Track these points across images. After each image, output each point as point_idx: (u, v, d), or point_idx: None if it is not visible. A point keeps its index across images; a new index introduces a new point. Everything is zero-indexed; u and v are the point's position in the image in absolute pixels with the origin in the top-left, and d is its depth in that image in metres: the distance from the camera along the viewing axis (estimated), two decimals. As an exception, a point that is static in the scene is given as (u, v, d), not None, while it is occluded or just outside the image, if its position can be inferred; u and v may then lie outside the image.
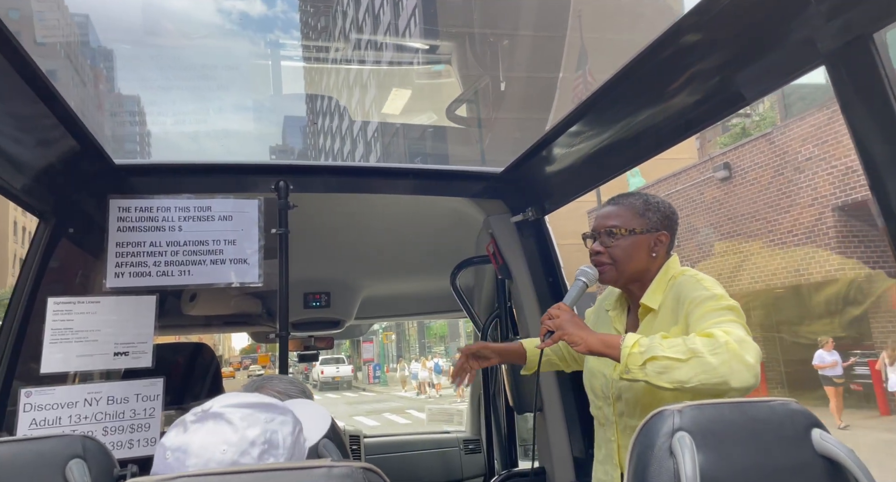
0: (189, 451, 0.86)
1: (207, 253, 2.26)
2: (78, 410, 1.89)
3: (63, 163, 1.88)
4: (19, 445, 1.21)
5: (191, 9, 50.14)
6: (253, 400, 0.95)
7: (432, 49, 14.32)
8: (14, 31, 1.32)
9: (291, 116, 46.08)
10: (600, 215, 1.68)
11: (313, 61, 27.50)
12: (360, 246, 3.20)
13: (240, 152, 52.47)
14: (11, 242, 41.43)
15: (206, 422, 0.88)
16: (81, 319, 1.96)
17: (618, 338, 1.41)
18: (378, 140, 31.35)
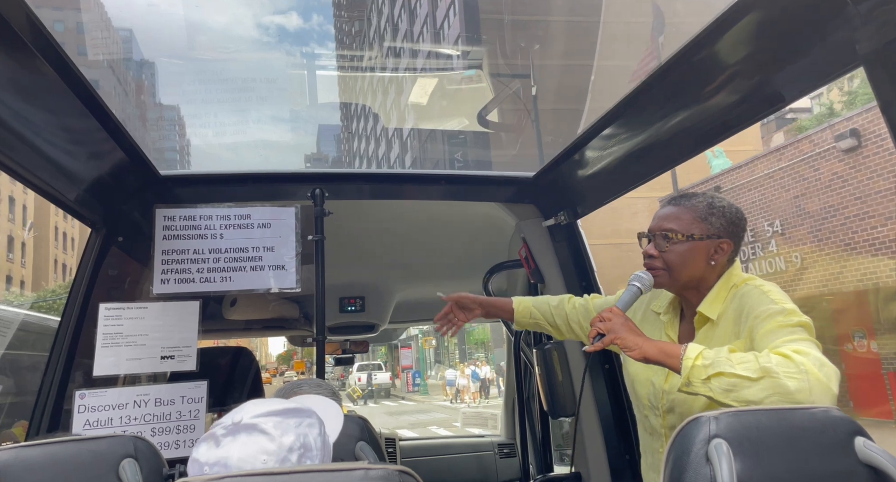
0: (229, 465, 0.88)
1: (247, 259, 2.32)
2: (128, 411, 1.96)
3: (112, 175, 1.97)
4: (78, 445, 1.27)
5: (231, 24, 51.69)
6: (277, 406, 0.97)
7: (464, 54, 14.40)
8: (59, 42, 1.39)
9: (326, 125, 46.78)
10: (659, 216, 1.60)
11: (348, 70, 27.90)
12: (394, 251, 3.24)
13: (276, 161, 53.51)
14: (52, 247, 42.82)
15: (238, 434, 0.90)
16: (130, 324, 2.04)
17: (677, 348, 1.34)
18: (413, 140, 31.54)
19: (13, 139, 1.51)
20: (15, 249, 38.46)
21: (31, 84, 1.43)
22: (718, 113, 1.60)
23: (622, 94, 1.69)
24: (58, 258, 43.64)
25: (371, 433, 1.53)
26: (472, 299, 1.91)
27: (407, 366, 33.15)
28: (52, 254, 42.92)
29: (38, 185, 1.70)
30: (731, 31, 1.33)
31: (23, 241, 39.15)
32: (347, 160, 48.64)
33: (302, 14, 74.69)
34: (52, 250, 42.92)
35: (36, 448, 1.26)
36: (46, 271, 40.24)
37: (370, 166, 38.92)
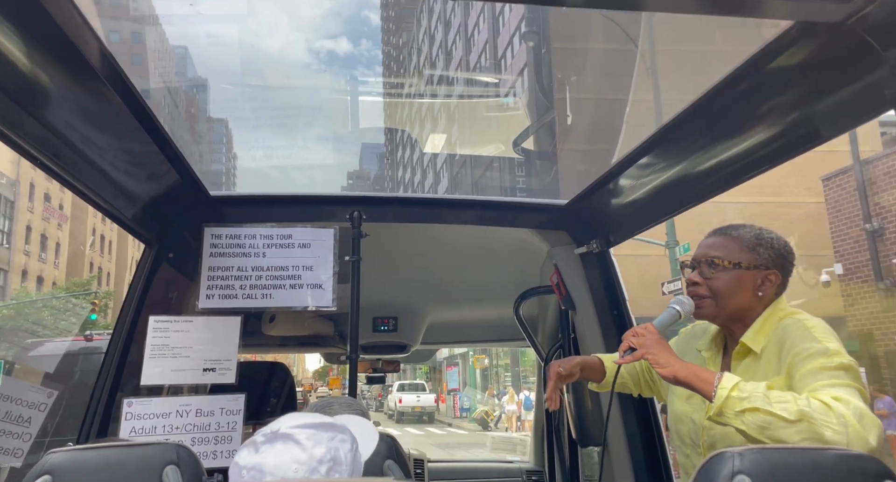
0: (264, 470, 0.93)
1: (287, 278, 2.39)
2: (171, 421, 2.04)
3: (167, 195, 2.08)
4: (126, 450, 1.34)
5: (283, 48, 53.92)
6: (314, 420, 1.02)
7: (502, 83, 14.59)
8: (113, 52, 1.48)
9: (369, 144, 47.70)
10: (704, 244, 1.57)
11: (391, 96, 28.56)
12: (427, 273, 3.28)
13: (319, 181, 54.81)
14: (89, 250, 43.38)
15: (275, 442, 0.95)
16: (177, 337, 2.13)
17: (711, 374, 1.31)
18: (447, 170, 31.82)
19: (81, 161, 1.62)
20: (48, 249, 38.46)
21: (99, 111, 1.54)
22: (755, 147, 1.59)
23: (658, 126, 1.71)
24: (94, 261, 44.07)
25: (399, 452, 1.55)
26: (575, 364, 1.81)
27: (453, 388, 29.56)
28: (88, 257, 43.08)
29: (100, 204, 1.81)
30: (770, 66, 1.33)
31: (57, 242, 39.16)
32: (390, 186, 49.44)
33: (351, 39, 76.98)
34: (89, 253, 43.15)
35: (89, 451, 1.33)
36: (81, 274, 40.21)
37: (406, 190, 39.42)
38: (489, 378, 30.84)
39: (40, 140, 1.44)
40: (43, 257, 37.15)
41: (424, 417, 25.97)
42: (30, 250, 35.89)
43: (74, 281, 33.22)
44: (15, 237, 34.36)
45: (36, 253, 36.49)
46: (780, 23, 1.20)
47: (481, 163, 17.42)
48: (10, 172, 35.07)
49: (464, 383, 30.41)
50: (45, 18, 1.16)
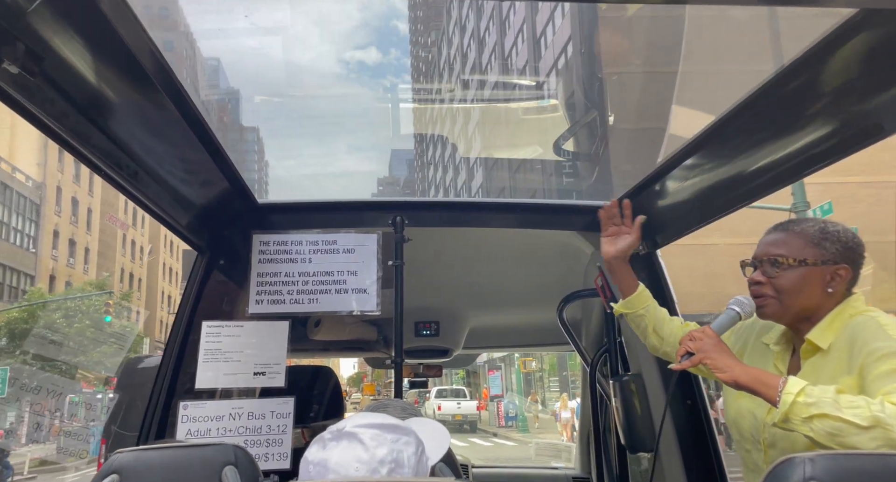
0: (328, 467, 0.95)
1: (333, 283, 2.43)
2: (224, 423, 2.09)
3: (218, 202, 2.15)
4: (187, 451, 1.39)
5: (315, 59, 55.23)
6: (381, 420, 1.03)
7: (539, 85, 14.45)
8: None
9: (399, 150, 48.24)
10: (765, 242, 1.52)
11: (422, 102, 28.74)
12: (469, 277, 3.29)
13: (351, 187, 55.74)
14: (119, 255, 43.48)
15: (341, 440, 0.97)
16: (228, 341, 2.19)
17: (776, 379, 1.27)
18: (483, 173, 31.71)
19: (142, 172, 1.69)
20: (77, 254, 37.81)
21: (158, 121, 1.61)
22: (810, 144, 1.54)
23: (706, 123, 1.66)
24: (125, 266, 43.96)
25: (450, 454, 1.56)
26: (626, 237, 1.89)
27: (496, 394, 27.33)
28: (119, 263, 42.99)
29: (157, 212, 1.89)
30: (830, 58, 1.28)
31: (85, 247, 38.75)
32: (421, 188, 49.74)
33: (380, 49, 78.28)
34: (119, 258, 43.08)
35: (153, 451, 1.38)
36: (112, 281, 40.06)
37: (447, 194, 39.43)
38: (532, 383, 29.54)
39: (106, 152, 1.51)
40: (71, 262, 36.68)
41: (466, 426, 24.33)
42: (57, 255, 35.42)
43: (90, 281, 32.85)
44: (42, 242, 33.82)
45: (64, 257, 36.03)
46: (840, 11, 1.16)
47: (519, 165, 17.36)
48: (36, 175, 34.52)
49: (507, 388, 29.06)
50: (112, 34, 1.22)
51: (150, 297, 47.56)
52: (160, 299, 49.84)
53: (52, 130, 1.34)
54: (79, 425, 23.94)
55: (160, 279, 50.20)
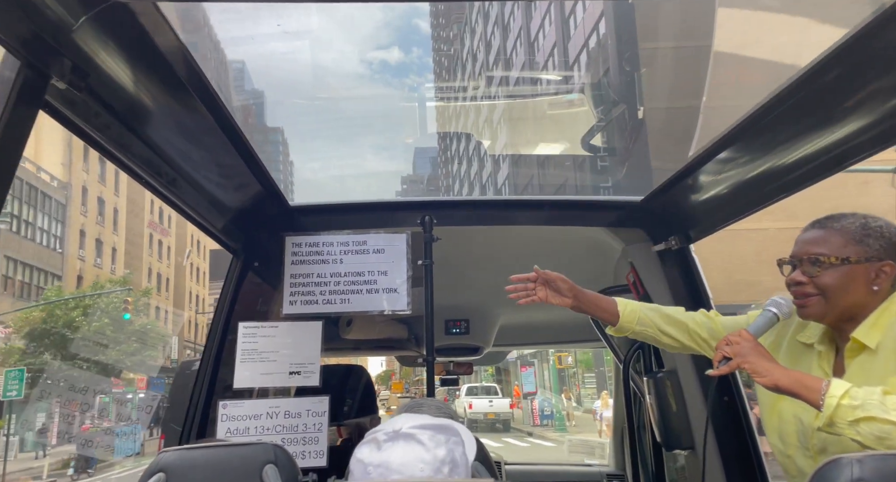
0: (391, 468, 0.98)
1: (364, 283, 2.47)
2: (262, 422, 2.16)
3: (252, 206, 2.21)
4: (229, 450, 1.44)
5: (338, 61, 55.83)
6: (431, 421, 1.07)
7: (566, 79, 14.31)
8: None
9: (423, 148, 48.37)
10: (803, 240, 1.48)
11: (445, 99, 28.69)
12: (498, 274, 3.29)
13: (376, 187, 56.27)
14: (146, 254, 43.47)
15: (397, 441, 1.00)
16: (264, 342, 2.25)
17: (818, 381, 1.24)
18: (505, 164, 31.45)
19: (179, 178, 1.75)
20: (104, 254, 37.67)
21: (194, 128, 1.67)
22: (849, 136, 1.50)
23: (740, 114, 1.64)
24: (152, 266, 44.09)
25: (486, 453, 1.58)
26: (570, 286, 1.77)
27: (529, 391, 25.82)
28: (147, 263, 43.09)
29: (194, 217, 1.95)
30: (874, 43, 1.24)
31: (113, 247, 38.61)
32: (446, 184, 49.76)
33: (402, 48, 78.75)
34: (147, 258, 43.18)
35: (196, 450, 1.43)
36: (140, 280, 40.11)
37: (471, 190, 39.28)
38: (565, 379, 28.44)
39: (146, 161, 1.57)
40: (98, 262, 36.57)
41: (498, 425, 22.96)
42: (84, 255, 35.28)
43: (110, 279, 32.55)
44: (68, 242, 33.63)
45: (91, 257, 35.95)
46: None
47: (546, 161, 17.23)
48: (61, 175, 34.30)
49: (541, 385, 27.45)
50: (151, 46, 1.28)
51: (177, 297, 48.43)
52: (188, 299, 50.77)
53: (96, 142, 1.41)
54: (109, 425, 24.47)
55: (188, 279, 51.13)
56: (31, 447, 25.37)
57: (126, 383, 31.69)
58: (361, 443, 1.04)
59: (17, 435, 24.61)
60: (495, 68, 34.83)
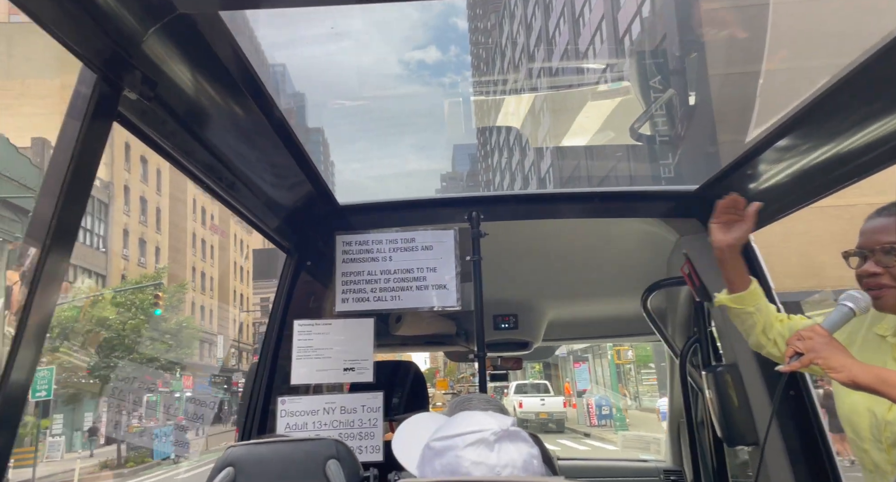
0: (517, 465, 1.02)
1: (413, 280, 2.53)
2: (319, 417, 2.24)
3: (304, 206, 2.29)
4: (293, 445, 1.51)
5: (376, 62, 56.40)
6: (509, 420, 1.11)
7: (609, 67, 14.04)
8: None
9: (461, 145, 48.42)
10: (872, 229, 1.46)
11: (484, 94, 28.54)
12: (546, 269, 3.31)
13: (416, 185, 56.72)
14: (189, 254, 44.10)
15: (503, 441, 1.04)
16: (319, 339, 2.33)
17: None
18: (549, 157, 31.00)
19: (237, 181, 1.84)
20: (147, 253, 38.01)
21: (248, 129, 1.74)
22: None
23: (800, 99, 1.60)
24: (196, 265, 44.76)
25: (545, 449, 1.61)
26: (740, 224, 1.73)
27: (584, 389, 24.43)
28: (191, 262, 43.97)
29: (250, 218, 2.04)
30: None
31: (156, 246, 38.90)
32: (486, 178, 49.63)
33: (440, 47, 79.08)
34: (190, 257, 44.08)
35: (262, 445, 1.51)
36: (184, 278, 40.48)
37: (514, 184, 39.02)
38: (621, 375, 26.85)
39: (208, 166, 1.65)
40: (142, 261, 37.01)
41: (551, 425, 21.48)
42: (128, 254, 35.71)
43: (145, 274, 32.69)
44: (112, 241, 34.02)
45: (135, 256, 36.40)
46: None
47: (591, 151, 16.95)
48: (103, 174, 34.27)
49: (595, 382, 26.01)
50: (211, 54, 1.35)
51: (222, 296, 49.86)
52: (232, 297, 52.21)
53: (162, 149, 1.49)
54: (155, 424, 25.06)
55: (231, 278, 52.58)
56: (79, 446, 26.18)
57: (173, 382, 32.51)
58: (467, 444, 1.03)
59: (64, 434, 24.85)
60: (537, 51, 34.28)
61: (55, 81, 36.88)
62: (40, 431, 24.34)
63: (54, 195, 1.12)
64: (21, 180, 25.11)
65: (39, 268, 1.10)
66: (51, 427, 24.72)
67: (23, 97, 35.94)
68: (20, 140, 29.03)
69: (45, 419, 25.15)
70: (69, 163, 1.12)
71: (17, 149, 27.75)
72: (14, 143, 28.09)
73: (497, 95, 29.11)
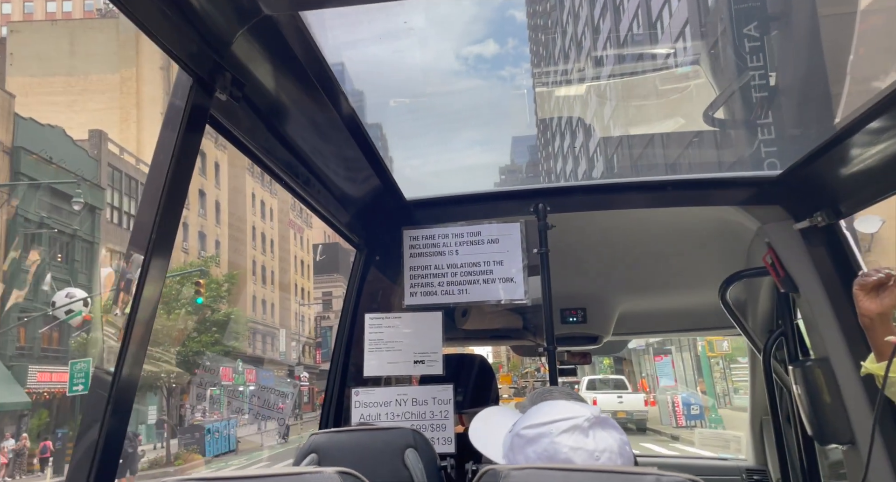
0: (613, 450, 1.07)
1: (480, 273, 2.57)
2: (391, 409, 2.33)
3: (373, 201, 2.38)
4: (372, 434, 1.60)
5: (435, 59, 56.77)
6: (597, 408, 1.16)
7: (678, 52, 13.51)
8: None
9: (519, 137, 48.12)
10: None
11: (545, 85, 28.17)
12: (616, 261, 3.29)
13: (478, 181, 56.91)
14: (249, 247, 44.84)
15: (596, 427, 1.09)
16: (389, 332, 2.43)
17: None
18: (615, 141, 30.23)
19: (311, 177, 1.94)
20: (208, 246, 38.82)
21: (324, 125, 1.84)
22: None
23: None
24: (256, 258, 46.05)
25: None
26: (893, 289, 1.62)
27: (668, 385, 22.24)
28: (251, 255, 45.06)
29: (323, 213, 2.15)
30: None
31: (216, 239, 39.91)
32: (546, 167, 49.10)
33: (497, 40, 79.12)
34: (250, 250, 45.24)
35: (343, 433, 1.61)
36: (245, 273, 40.97)
37: (578, 174, 38.36)
38: (707, 370, 24.40)
39: (286, 162, 1.76)
40: (202, 254, 37.74)
41: (631, 425, 19.67)
42: (188, 247, 36.54)
43: (192, 262, 33.11)
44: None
45: (195, 250, 37.22)
46: None
47: (660, 139, 16.47)
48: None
49: (679, 377, 23.68)
50: (291, 54, 1.44)
51: (282, 289, 51.49)
52: (293, 291, 53.86)
53: (246, 148, 1.60)
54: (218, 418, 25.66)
55: (292, 272, 54.23)
56: (148, 439, 27.16)
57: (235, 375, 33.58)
58: (561, 431, 1.07)
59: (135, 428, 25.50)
60: (601, 22, 33.34)
61: (115, 76, 39.10)
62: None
63: (155, 201, 1.23)
64: (77, 172, 26.46)
65: (144, 270, 1.21)
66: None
67: (86, 93, 38.28)
68: (81, 134, 30.18)
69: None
70: (168, 168, 1.23)
71: (73, 140, 29.12)
72: (75, 137, 29.15)
73: (559, 85, 28.69)
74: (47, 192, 26.32)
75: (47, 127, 28.21)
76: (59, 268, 26.66)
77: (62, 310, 21.51)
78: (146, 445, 25.60)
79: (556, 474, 0.92)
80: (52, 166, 26.57)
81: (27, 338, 24.72)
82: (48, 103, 36.08)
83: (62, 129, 28.92)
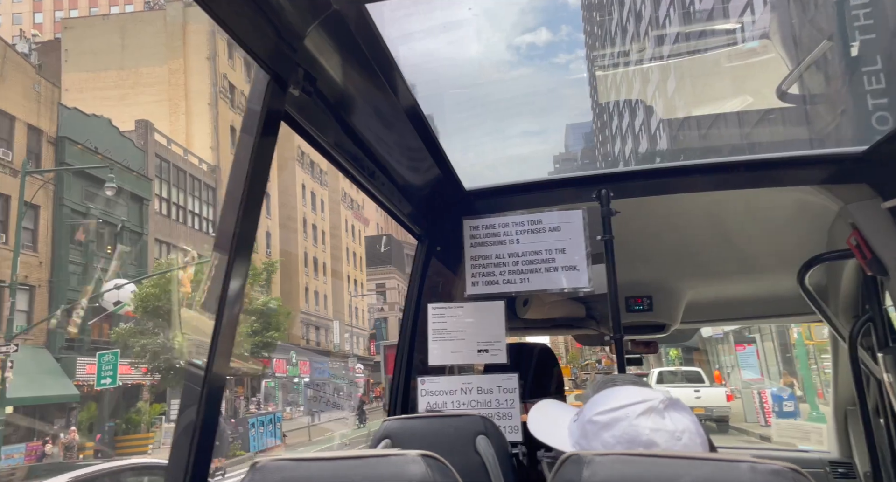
0: (690, 430, 1.10)
1: (542, 262, 2.60)
2: (457, 397, 2.40)
3: (434, 191, 2.44)
4: (443, 421, 1.67)
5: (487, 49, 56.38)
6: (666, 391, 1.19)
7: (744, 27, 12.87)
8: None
9: (574, 124, 47.39)
10: None
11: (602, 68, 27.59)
12: (682, 247, 3.25)
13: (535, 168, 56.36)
14: (301, 239, 45.81)
15: (670, 410, 1.11)
16: (452, 321, 2.49)
17: None
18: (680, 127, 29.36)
19: (376, 169, 2.01)
20: (259, 236, 40.13)
21: (389, 117, 1.90)
22: None
23: None
24: (308, 251, 47.15)
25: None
26: None
27: (753, 378, 20.09)
28: (302, 247, 46.30)
29: (386, 204, 2.23)
30: None
31: (266, 231, 40.20)
32: (602, 151, 48.22)
33: (550, 28, 78.11)
34: (301, 241, 46.30)
35: (416, 420, 1.68)
36: (297, 264, 42.51)
37: (637, 159, 37.50)
38: (791, 361, 21.44)
39: (353, 155, 1.84)
40: (268, 253, 38.76)
41: (710, 423, 17.99)
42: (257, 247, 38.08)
43: (264, 262, 33.43)
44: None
45: (262, 248, 38.04)
46: None
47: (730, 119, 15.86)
48: (210, 158, 36.33)
49: (766, 369, 21.75)
50: (358, 49, 1.50)
51: (335, 281, 52.63)
52: (346, 283, 54.98)
53: (315, 142, 1.69)
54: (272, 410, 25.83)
55: (344, 263, 55.35)
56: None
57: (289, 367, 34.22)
58: (638, 414, 1.10)
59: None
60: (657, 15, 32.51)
61: (163, 68, 40.40)
62: (154, 417, 25.72)
63: (236, 202, 1.32)
64: (124, 163, 27.06)
65: (228, 269, 1.31)
66: (167, 412, 26.13)
67: (137, 86, 39.74)
68: (129, 126, 30.85)
69: (156, 404, 26.45)
70: (248, 168, 1.32)
71: (118, 131, 29.81)
72: (122, 128, 29.71)
73: (617, 68, 28.01)
74: (93, 182, 26.55)
75: (92, 117, 28.72)
76: (108, 259, 27.13)
77: (111, 302, 22.08)
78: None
79: (644, 460, 0.91)
80: (97, 156, 27.00)
81: (79, 330, 24.41)
82: (101, 98, 37.50)
83: (108, 120, 29.42)
